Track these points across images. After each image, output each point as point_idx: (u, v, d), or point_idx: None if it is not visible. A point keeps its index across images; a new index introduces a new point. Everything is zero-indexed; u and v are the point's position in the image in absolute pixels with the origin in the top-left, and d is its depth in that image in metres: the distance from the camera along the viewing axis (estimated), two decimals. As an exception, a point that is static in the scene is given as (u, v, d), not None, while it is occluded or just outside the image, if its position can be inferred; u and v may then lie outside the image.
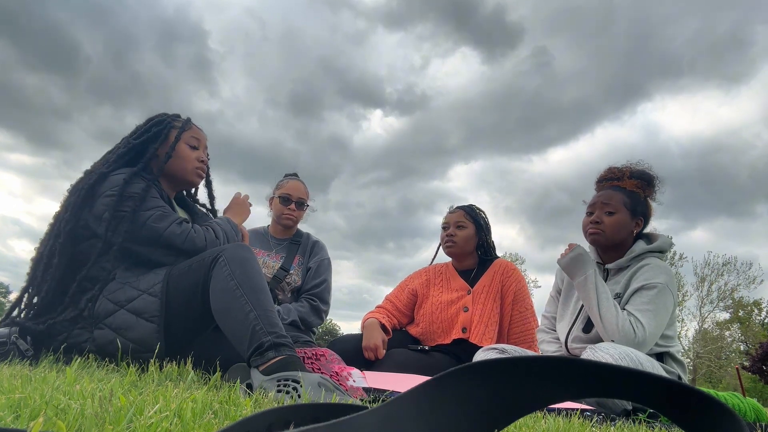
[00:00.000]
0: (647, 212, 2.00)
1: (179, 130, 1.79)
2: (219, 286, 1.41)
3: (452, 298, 2.47)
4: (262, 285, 1.42)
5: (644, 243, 1.97)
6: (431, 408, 0.40)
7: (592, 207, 2.01)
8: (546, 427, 0.95)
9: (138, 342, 1.42)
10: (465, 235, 2.51)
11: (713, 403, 0.36)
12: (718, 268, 23.71)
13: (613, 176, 2.03)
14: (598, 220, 1.96)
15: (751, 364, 18.08)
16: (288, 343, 1.31)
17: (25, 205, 49.32)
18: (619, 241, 1.96)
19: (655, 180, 2.01)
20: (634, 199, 1.96)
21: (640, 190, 1.98)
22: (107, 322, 1.46)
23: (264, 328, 1.31)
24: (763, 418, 1.77)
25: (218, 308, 1.41)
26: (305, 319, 2.39)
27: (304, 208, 2.63)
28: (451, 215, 2.57)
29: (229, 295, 1.38)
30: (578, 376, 0.40)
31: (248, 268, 1.42)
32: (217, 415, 0.73)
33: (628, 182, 1.99)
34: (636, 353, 1.71)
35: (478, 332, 2.36)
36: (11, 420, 0.61)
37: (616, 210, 1.94)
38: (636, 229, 1.98)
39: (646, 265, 1.88)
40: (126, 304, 1.47)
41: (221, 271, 1.42)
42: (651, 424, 1.37)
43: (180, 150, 1.78)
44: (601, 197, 1.98)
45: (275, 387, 1.17)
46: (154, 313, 1.45)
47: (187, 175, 1.81)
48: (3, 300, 29.45)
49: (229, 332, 1.37)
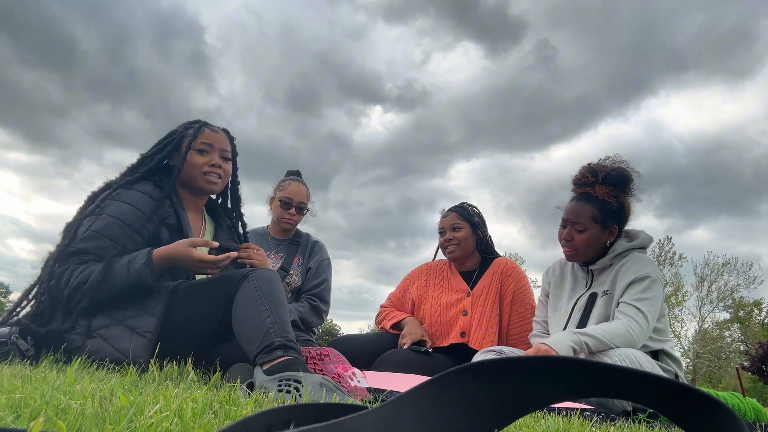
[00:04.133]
0: (622, 217, 1.98)
1: (190, 138, 1.75)
2: (243, 296, 1.46)
3: (451, 300, 2.46)
4: (283, 301, 1.47)
5: (625, 241, 1.96)
6: (431, 408, 0.40)
7: (564, 221, 1.99)
8: (546, 427, 0.95)
9: (127, 354, 1.42)
10: (462, 236, 2.51)
11: (713, 403, 0.36)
12: (718, 268, 23.70)
13: (586, 181, 1.97)
14: (569, 237, 1.95)
15: (751, 364, 18.07)
16: (296, 347, 1.34)
17: (23, 204, 49.35)
18: (593, 255, 1.97)
19: (630, 181, 1.96)
20: (604, 211, 1.92)
21: (612, 199, 1.92)
22: (101, 333, 1.47)
23: (277, 331, 1.35)
24: (763, 418, 1.77)
25: (238, 314, 1.44)
26: (305, 319, 2.39)
27: (304, 213, 2.62)
28: (444, 219, 2.57)
29: (251, 304, 1.43)
30: (578, 376, 0.40)
31: (273, 286, 1.48)
32: (217, 415, 0.73)
33: (599, 189, 1.93)
34: (635, 353, 1.71)
35: (477, 336, 2.35)
36: (12, 420, 0.61)
37: (585, 228, 1.92)
38: (610, 238, 1.96)
39: (631, 260, 1.89)
40: (124, 320, 1.49)
41: (249, 285, 1.47)
42: (651, 424, 1.37)
43: (189, 158, 1.74)
44: (571, 214, 1.95)
45: (276, 387, 1.17)
46: (148, 329, 1.46)
47: (197, 181, 1.76)
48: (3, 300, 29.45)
49: (243, 334, 1.40)
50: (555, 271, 2.17)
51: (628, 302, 1.80)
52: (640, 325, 1.74)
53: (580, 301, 1.99)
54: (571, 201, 2.01)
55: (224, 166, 1.79)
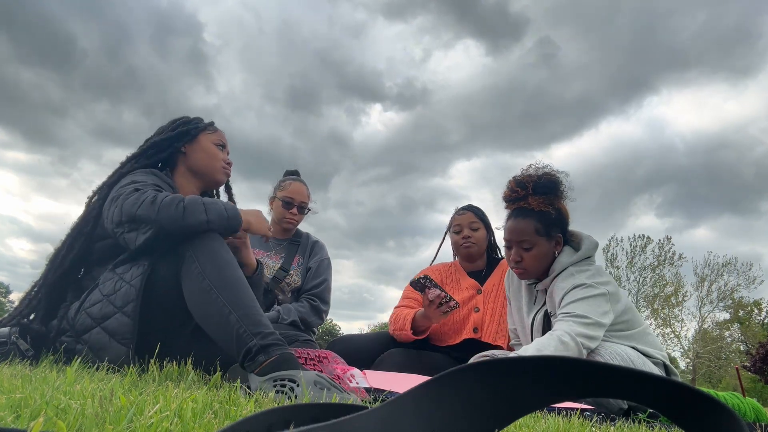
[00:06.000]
0: (563, 221, 1.93)
1: (206, 129, 1.84)
2: (192, 287, 1.36)
3: (463, 298, 2.46)
4: (236, 278, 1.35)
5: (567, 255, 1.89)
6: (431, 408, 0.40)
7: (508, 242, 1.93)
8: (546, 427, 0.95)
9: (111, 361, 1.38)
10: (480, 236, 2.53)
11: (713, 403, 0.36)
12: (718, 269, 23.68)
13: (517, 196, 1.90)
14: (518, 258, 1.90)
15: (751, 364, 18.10)
16: (276, 341, 1.28)
17: (22, 203, 49.40)
18: (545, 268, 1.92)
19: (560, 184, 1.90)
20: (545, 222, 1.87)
21: (548, 207, 1.87)
22: (85, 338, 1.44)
23: (247, 330, 1.27)
24: (763, 418, 1.77)
25: (197, 312, 1.37)
26: (305, 319, 2.39)
27: (305, 212, 2.63)
28: (461, 217, 2.56)
29: (205, 298, 1.33)
30: (578, 376, 0.40)
31: (219, 262, 1.36)
32: (217, 415, 0.73)
33: (533, 201, 1.87)
34: (626, 350, 1.71)
35: (491, 331, 2.36)
36: (12, 420, 0.61)
37: (532, 244, 1.87)
38: (557, 247, 1.92)
39: (560, 277, 1.85)
40: (102, 321, 1.42)
41: (191, 268, 1.36)
42: (651, 424, 1.37)
43: (209, 148, 1.82)
44: (513, 234, 1.89)
45: (273, 387, 1.17)
46: (126, 335, 1.38)
47: (216, 173, 1.83)
48: (3, 300, 29.43)
49: (214, 336, 1.35)
50: (513, 279, 2.11)
51: (560, 314, 1.75)
52: (576, 328, 1.65)
53: (536, 319, 1.95)
54: (508, 219, 1.95)
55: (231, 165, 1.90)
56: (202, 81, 49.00)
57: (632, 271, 23.80)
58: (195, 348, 1.47)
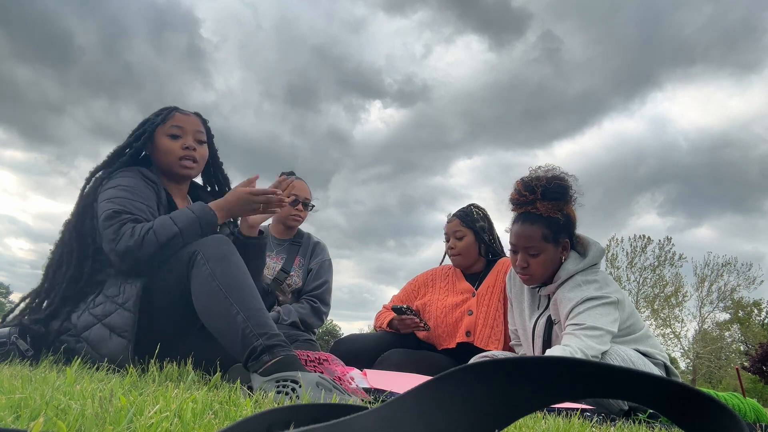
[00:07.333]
0: (571, 227, 1.90)
1: (161, 123, 1.71)
2: (200, 288, 1.36)
3: (456, 301, 2.45)
4: (246, 282, 1.37)
5: (573, 262, 1.87)
6: (431, 408, 0.40)
7: (514, 246, 1.90)
8: (546, 427, 0.95)
9: (110, 357, 1.39)
10: (464, 244, 2.47)
11: (713, 404, 0.36)
12: (718, 269, 23.67)
13: (525, 200, 1.86)
14: (525, 264, 1.87)
15: (751, 364, 18.08)
16: (281, 342, 1.29)
17: (20, 202, 49.34)
18: (551, 274, 1.90)
19: (570, 189, 1.87)
20: (553, 228, 1.85)
21: (557, 214, 1.84)
22: (84, 336, 1.45)
23: (253, 331, 1.28)
24: (763, 418, 1.77)
25: (203, 312, 1.37)
26: (305, 320, 2.39)
27: (310, 209, 2.63)
28: (448, 225, 2.54)
29: (213, 298, 1.34)
30: (578, 377, 0.40)
31: (230, 265, 1.37)
32: (217, 416, 0.73)
33: (541, 206, 1.83)
34: (626, 351, 1.71)
35: (483, 335, 2.34)
36: (12, 420, 0.61)
37: (539, 251, 1.84)
38: (564, 253, 1.89)
39: (567, 286, 1.83)
40: (103, 318, 1.44)
41: (201, 270, 1.37)
42: (651, 424, 1.37)
43: (160, 144, 1.70)
44: (521, 239, 1.86)
45: (274, 387, 1.17)
46: (126, 329, 1.40)
47: (174, 168, 1.72)
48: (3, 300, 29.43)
49: (219, 336, 1.35)
50: (516, 279, 2.08)
51: (569, 327, 1.73)
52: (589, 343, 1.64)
53: (539, 324, 1.94)
54: (514, 223, 1.92)
55: (199, 149, 1.75)
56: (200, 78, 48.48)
57: (632, 271, 23.78)
58: (196, 349, 1.47)
